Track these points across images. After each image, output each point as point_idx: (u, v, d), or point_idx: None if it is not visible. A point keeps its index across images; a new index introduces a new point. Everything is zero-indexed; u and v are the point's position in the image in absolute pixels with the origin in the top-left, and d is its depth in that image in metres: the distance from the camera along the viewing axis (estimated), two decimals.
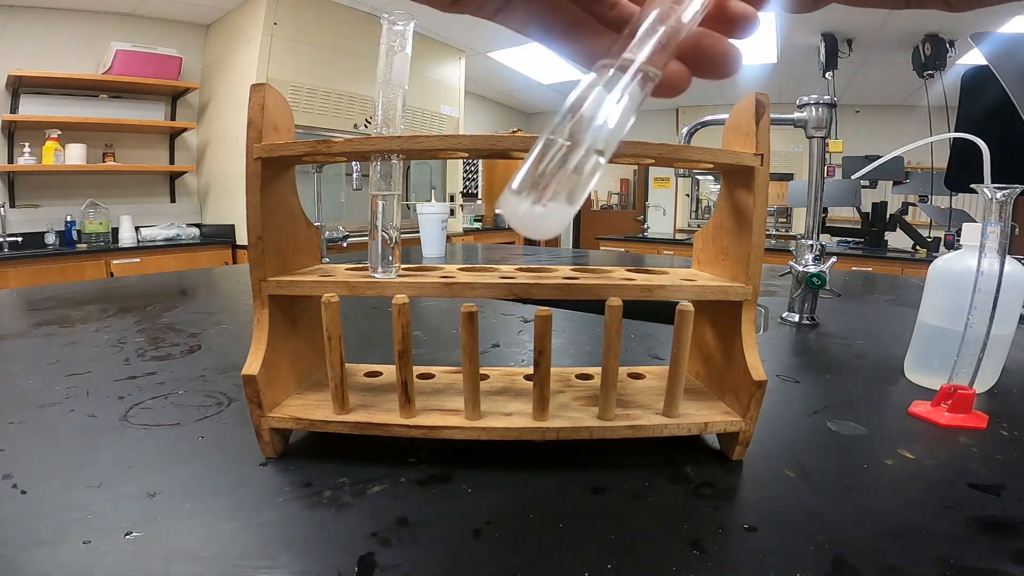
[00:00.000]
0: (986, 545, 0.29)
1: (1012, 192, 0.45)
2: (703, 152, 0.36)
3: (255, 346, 0.37)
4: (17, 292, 1.06)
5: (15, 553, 0.28)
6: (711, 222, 0.44)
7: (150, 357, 0.62)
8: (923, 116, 3.70)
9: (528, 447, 0.39)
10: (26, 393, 0.51)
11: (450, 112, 3.86)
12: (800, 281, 0.80)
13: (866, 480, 0.37)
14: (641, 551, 0.29)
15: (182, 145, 3.29)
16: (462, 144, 0.34)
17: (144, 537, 0.29)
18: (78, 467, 0.37)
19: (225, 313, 0.86)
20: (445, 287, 0.37)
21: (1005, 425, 0.45)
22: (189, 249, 3.00)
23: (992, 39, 0.83)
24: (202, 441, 0.41)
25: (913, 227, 3.02)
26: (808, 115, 0.78)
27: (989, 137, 0.48)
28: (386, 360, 0.46)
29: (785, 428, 0.45)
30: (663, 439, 0.38)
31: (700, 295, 0.38)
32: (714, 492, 0.35)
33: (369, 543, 0.29)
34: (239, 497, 0.33)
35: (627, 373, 0.47)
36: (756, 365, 0.37)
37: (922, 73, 3.37)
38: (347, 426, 0.37)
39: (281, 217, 0.39)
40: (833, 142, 2.67)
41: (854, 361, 0.64)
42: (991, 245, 0.46)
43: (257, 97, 0.35)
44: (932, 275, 0.55)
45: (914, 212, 3.74)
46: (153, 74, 2.88)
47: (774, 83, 4.30)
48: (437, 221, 1.68)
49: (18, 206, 2.72)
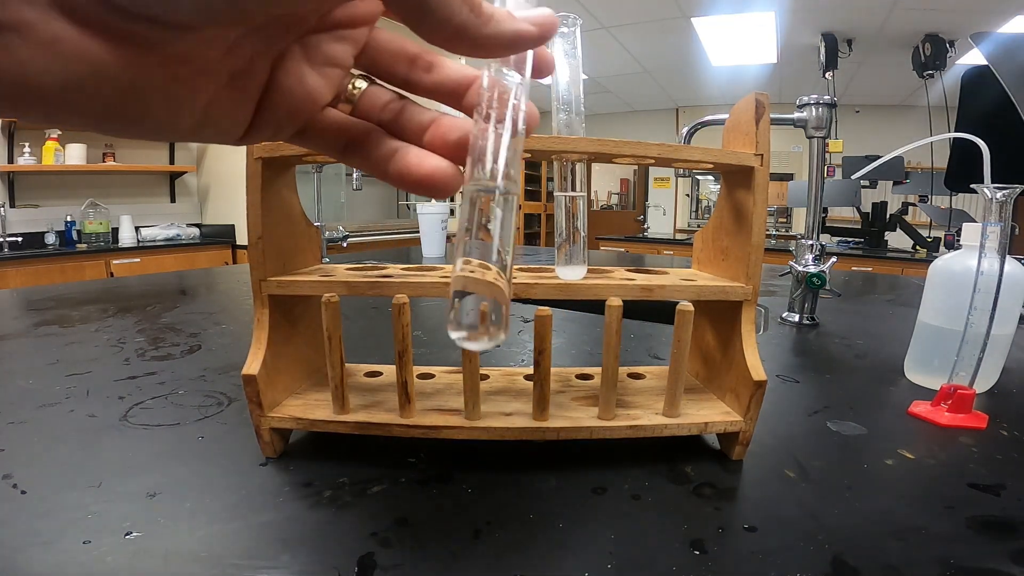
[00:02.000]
0: (986, 545, 0.29)
1: (1012, 192, 0.45)
2: (703, 152, 0.36)
3: (255, 346, 0.37)
4: (17, 292, 1.06)
5: (15, 553, 0.28)
6: (711, 222, 0.44)
7: (150, 357, 0.62)
8: (923, 116, 3.70)
9: (528, 447, 0.39)
10: (26, 393, 0.51)
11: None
12: (800, 281, 0.80)
13: (866, 480, 0.37)
14: (641, 551, 0.29)
15: (182, 145, 3.29)
16: None
17: (144, 537, 0.29)
18: (78, 467, 0.37)
19: (225, 313, 0.86)
20: (445, 287, 0.37)
21: (1005, 425, 0.45)
22: (189, 249, 3.00)
23: (992, 39, 0.83)
24: (202, 441, 0.41)
25: (913, 227, 3.02)
26: (808, 115, 0.78)
27: (989, 137, 0.48)
28: (386, 360, 0.46)
29: (785, 428, 0.45)
30: (663, 439, 0.38)
31: (700, 295, 0.38)
32: (714, 492, 0.35)
33: (369, 543, 0.29)
34: (239, 497, 0.33)
35: (627, 373, 0.47)
36: (756, 365, 0.37)
37: (922, 73, 3.37)
38: (347, 426, 0.37)
39: (281, 217, 0.39)
40: (833, 142, 2.66)
41: (854, 361, 0.64)
42: (991, 245, 0.46)
43: None
44: (932, 275, 0.55)
45: (914, 212, 3.74)
46: None
47: (774, 83, 4.30)
48: (437, 221, 1.68)
49: (18, 206, 2.72)
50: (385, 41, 0.20)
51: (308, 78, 0.19)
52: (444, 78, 0.20)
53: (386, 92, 0.21)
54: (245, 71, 0.17)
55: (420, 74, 0.20)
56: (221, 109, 0.18)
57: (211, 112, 0.18)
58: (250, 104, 0.18)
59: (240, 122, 0.19)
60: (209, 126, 0.18)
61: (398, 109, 0.20)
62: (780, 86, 4.38)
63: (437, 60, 0.20)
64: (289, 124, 0.20)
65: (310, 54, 0.19)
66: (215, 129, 0.18)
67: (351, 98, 0.20)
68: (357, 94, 0.20)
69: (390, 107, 0.21)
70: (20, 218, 2.70)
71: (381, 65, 0.20)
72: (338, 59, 0.19)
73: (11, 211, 2.66)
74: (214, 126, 0.18)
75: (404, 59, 0.20)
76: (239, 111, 0.18)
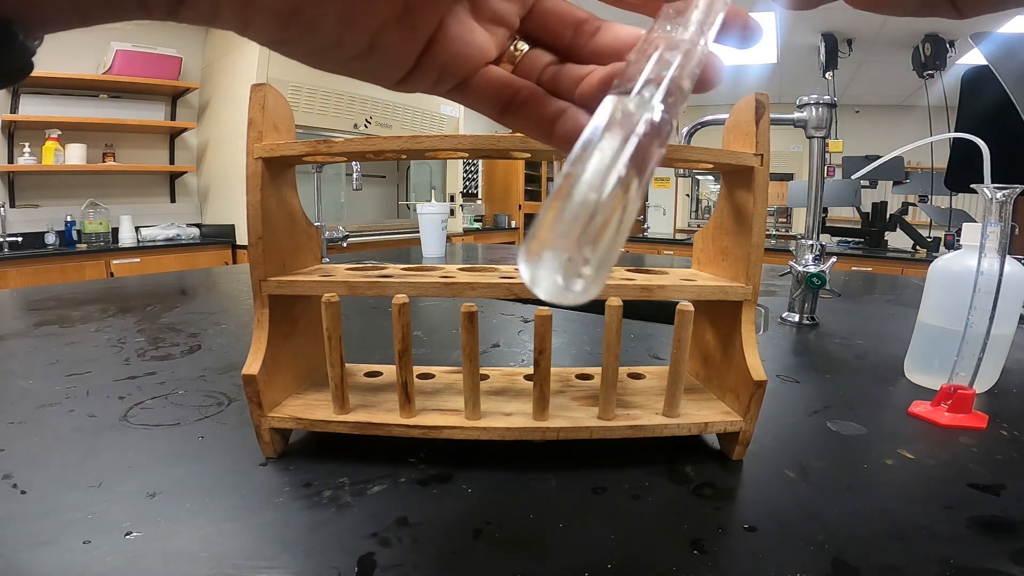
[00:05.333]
0: (986, 545, 0.29)
1: (1012, 192, 0.45)
2: (703, 152, 0.36)
3: (255, 346, 0.37)
4: (17, 292, 1.06)
5: (15, 553, 0.28)
6: (711, 222, 0.44)
7: (150, 357, 0.62)
8: (923, 116, 3.70)
9: (528, 447, 0.39)
10: (26, 393, 0.51)
11: (450, 112, 3.85)
12: (800, 281, 0.80)
13: (866, 480, 0.37)
14: (641, 551, 0.29)
15: (182, 145, 3.29)
16: (462, 144, 0.34)
17: (144, 537, 0.29)
18: (78, 467, 0.37)
19: (225, 313, 0.86)
20: (445, 287, 0.37)
21: (1005, 425, 0.45)
22: (189, 249, 2.99)
23: (992, 39, 0.83)
24: (202, 441, 0.41)
25: (913, 227, 3.02)
26: (808, 115, 0.78)
27: (989, 137, 0.48)
28: (386, 360, 0.46)
29: (785, 428, 0.45)
30: (663, 439, 0.38)
31: (700, 295, 0.38)
32: (714, 492, 0.35)
33: (369, 543, 0.29)
34: (239, 497, 0.33)
35: (627, 373, 0.47)
36: (756, 365, 0.37)
37: (922, 73, 3.37)
38: (347, 426, 0.37)
39: (281, 217, 0.39)
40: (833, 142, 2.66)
41: (854, 361, 0.64)
42: (991, 245, 0.46)
43: (258, 97, 0.36)
44: (932, 275, 0.55)
45: (914, 212, 3.74)
46: (153, 74, 2.87)
47: (774, 83, 4.30)
48: (437, 221, 1.67)
49: (18, 206, 2.71)
50: (553, 5, 0.20)
51: (476, 32, 0.19)
52: (612, 38, 0.20)
53: (546, 55, 0.21)
54: (418, 8, 0.18)
55: (585, 38, 0.20)
56: (390, 39, 0.18)
57: (380, 39, 0.18)
58: (417, 43, 0.19)
59: (405, 61, 0.19)
60: (375, 56, 0.19)
61: (556, 72, 0.20)
62: (780, 86, 4.38)
63: (604, 24, 0.20)
64: (451, 75, 0.20)
65: (479, 10, 0.19)
66: (381, 60, 0.19)
67: (513, 59, 0.21)
68: (519, 55, 0.21)
69: (548, 70, 0.20)
70: (20, 218, 2.69)
71: (548, 28, 0.20)
72: (505, 18, 0.20)
73: (11, 211, 2.65)
74: (380, 56, 0.19)
75: (571, 23, 0.20)
76: (406, 47, 0.19)
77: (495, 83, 0.20)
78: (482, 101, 0.21)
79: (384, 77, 0.20)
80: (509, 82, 0.20)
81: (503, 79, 0.20)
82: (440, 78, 0.20)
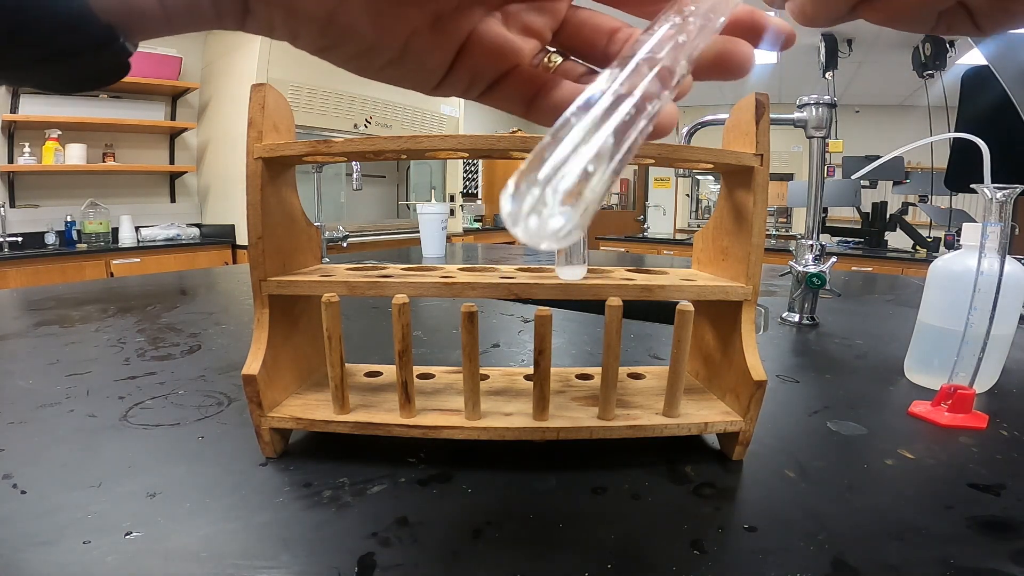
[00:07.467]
0: (986, 545, 0.29)
1: (1012, 192, 0.45)
2: (703, 152, 0.36)
3: (255, 346, 0.37)
4: (17, 292, 1.06)
5: (15, 553, 0.28)
6: (711, 222, 0.44)
7: (150, 357, 0.62)
8: (923, 116, 3.70)
9: (528, 447, 0.39)
10: (26, 393, 0.51)
11: (450, 112, 3.85)
12: (800, 281, 0.80)
13: (866, 480, 0.37)
14: (641, 551, 0.29)
15: (182, 145, 3.29)
16: (462, 144, 0.34)
17: (144, 537, 0.29)
18: (78, 467, 0.37)
19: (225, 313, 0.86)
20: (445, 287, 0.37)
21: (1005, 425, 0.45)
22: (189, 249, 2.99)
23: (992, 39, 0.83)
24: (202, 441, 0.41)
25: (913, 227, 3.02)
26: (808, 115, 0.78)
27: (989, 137, 0.48)
28: (386, 360, 0.46)
29: (785, 428, 0.45)
30: (663, 439, 0.38)
31: (700, 295, 0.38)
32: (714, 492, 0.35)
33: (369, 543, 0.29)
34: (239, 497, 0.33)
35: (627, 373, 0.47)
36: (756, 365, 0.37)
37: (922, 73, 3.37)
38: (347, 426, 0.37)
39: (281, 217, 0.39)
40: (833, 142, 2.67)
41: (854, 361, 0.64)
42: (991, 245, 0.46)
43: (258, 97, 0.35)
44: (932, 275, 0.55)
45: (914, 212, 3.74)
46: (153, 74, 2.87)
47: (774, 83, 4.30)
48: (437, 221, 1.67)
49: (18, 206, 2.71)
50: (587, 16, 0.21)
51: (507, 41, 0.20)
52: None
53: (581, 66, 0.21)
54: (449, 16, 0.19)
55: (619, 46, 0.20)
56: (421, 45, 0.19)
57: (412, 45, 0.19)
58: (449, 51, 0.20)
59: (438, 67, 0.20)
60: (409, 61, 0.19)
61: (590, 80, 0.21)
62: (780, 86, 4.38)
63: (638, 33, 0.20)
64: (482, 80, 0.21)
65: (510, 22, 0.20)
66: (415, 65, 0.20)
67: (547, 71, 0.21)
68: (553, 67, 0.21)
69: (584, 79, 0.21)
70: (20, 218, 2.69)
71: (582, 38, 0.21)
72: (537, 30, 0.20)
73: (11, 211, 2.65)
74: (414, 62, 0.20)
75: (605, 32, 0.21)
76: (437, 54, 0.20)
77: (521, 76, 0.21)
78: (509, 97, 0.21)
79: (420, 83, 0.21)
80: (533, 74, 0.21)
81: (527, 75, 0.21)
82: (471, 84, 0.21)
